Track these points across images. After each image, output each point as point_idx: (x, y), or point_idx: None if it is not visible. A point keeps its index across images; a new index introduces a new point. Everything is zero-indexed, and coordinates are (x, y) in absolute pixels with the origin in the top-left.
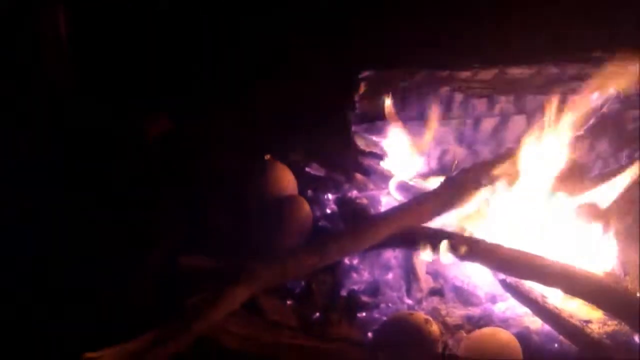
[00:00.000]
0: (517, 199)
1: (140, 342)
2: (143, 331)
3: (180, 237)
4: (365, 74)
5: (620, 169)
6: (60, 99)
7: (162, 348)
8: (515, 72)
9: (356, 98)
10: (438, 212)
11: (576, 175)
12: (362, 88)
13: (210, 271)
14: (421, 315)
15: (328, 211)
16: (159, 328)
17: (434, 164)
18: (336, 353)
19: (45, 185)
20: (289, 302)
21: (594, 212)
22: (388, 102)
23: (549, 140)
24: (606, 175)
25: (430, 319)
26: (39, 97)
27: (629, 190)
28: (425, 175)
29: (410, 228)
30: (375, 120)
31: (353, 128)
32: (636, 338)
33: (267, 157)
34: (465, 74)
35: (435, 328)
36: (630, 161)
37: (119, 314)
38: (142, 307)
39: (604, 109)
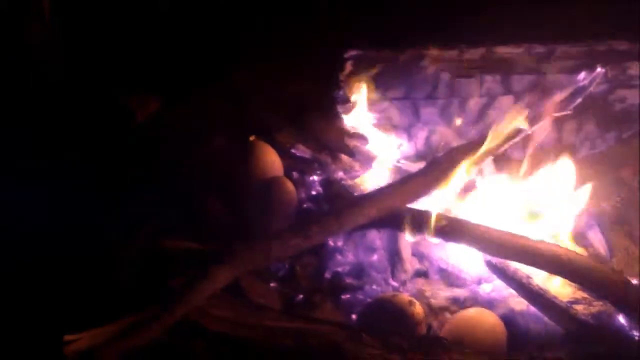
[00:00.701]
0: (501, 179)
1: (121, 324)
2: (125, 314)
3: (166, 219)
4: (351, 53)
5: None
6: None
7: (143, 330)
8: (502, 51)
9: (341, 78)
10: (423, 193)
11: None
12: (348, 68)
13: (194, 253)
14: (405, 296)
15: (313, 193)
16: (141, 310)
17: (420, 145)
18: (320, 334)
19: (30, 169)
20: (272, 285)
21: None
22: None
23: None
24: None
25: (414, 300)
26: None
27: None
28: (411, 157)
29: (395, 209)
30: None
31: (339, 108)
32: (621, 318)
33: (252, 138)
34: (451, 53)
35: (419, 309)
36: None
37: (101, 295)
38: (125, 290)
39: (591, 89)
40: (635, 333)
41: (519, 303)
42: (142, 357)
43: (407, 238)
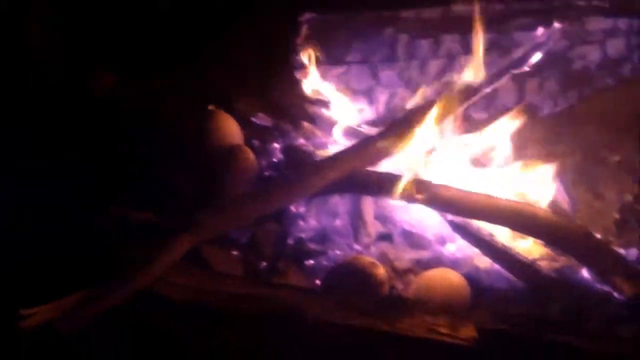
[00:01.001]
0: (461, 138)
1: (78, 296)
2: (85, 286)
3: (129, 192)
4: (306, 16)
5: None
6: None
7: (101, 302)
8: (461, 9)
9: (298, 42)
10: (384, 155)
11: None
12: (304, 32)
13: (155, 223)
14: (367, 258)
15: (275, 160)
16: (100, 282)
17: (381, 109)
18: (283, 300)
19: None
20: (234, 253)
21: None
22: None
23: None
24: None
25: (377, 262)
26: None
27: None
28: (373, 121)
29: (356, 172)
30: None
31: (297, 74)
32: (585, 273)
33: (211, 107)
34: (408, 14)
35: (381, 271)
36: None
37: (62, 270)
38: (87, 262)
39: (549, 45)
40: (599, 286)
41: (483, 261)
42: (103, 328)
43: (371, 202)
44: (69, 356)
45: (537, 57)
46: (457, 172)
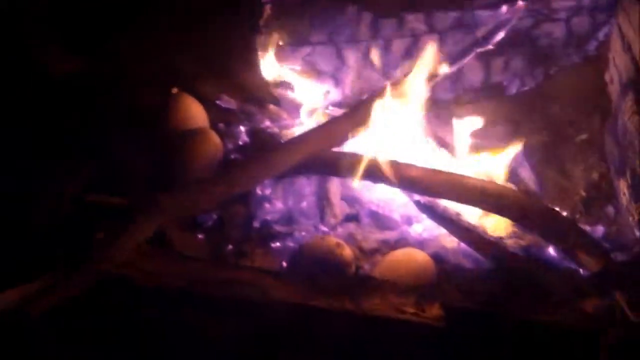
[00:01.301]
0: (425, 117)
1: (44, 280)
2: (48, 270)
3: (89, 175)
4: None
5: None
6: None
7: (64, 287)
8: None
9: (261, 23)
10: (348, 136)
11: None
12: (267, 12)
13: (118, 207)
14: (332, 239)
15: (240, 143)
16: (62, 267)
17: (347, 90)
18: (248, 282)
19: None
20: (200, 236)
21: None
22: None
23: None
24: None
25: (342, 242)
26: None
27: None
28: (339, 103)
29: (322, 153)
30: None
31: (261, 56)
32: (552, 250)
33: (175, 90)
34: None
35: (347, 251)
36: None
37: (22, 254)
38: (47, 247)
39: (513, 23)
40: (565, 263)
41: (450, 241)
42: (67, 313)
43: (337, 182)
44: (33, 341)
45: (501, 35)
46: (422, 152)
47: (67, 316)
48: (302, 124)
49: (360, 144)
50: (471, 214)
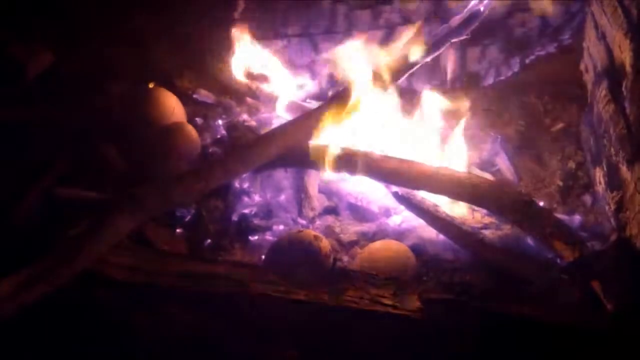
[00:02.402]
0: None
1: (19, 277)
2: (23, 266)
3: (64, 170)
4: None
5: None
6: None
7: (40, 284)
8: None
9: (236, 16)
10: (324, 128)
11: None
12: (241, 5)
13: (93, 202)
14: (310, 232)
15: (218, 137)
16: (37, 263)
17: (324, 83)
18: (226, 275)
19: None
20: (178, 231)
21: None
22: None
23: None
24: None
25: (320, 235)
26: None
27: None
28: (316, 95)
29: (296, 145)
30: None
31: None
32: (529, 240)
33: (151, 85)
34: None
35: (325, 244)
36: None
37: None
38: (21, 243)
39: (486, 13)
40: (543, 254)
41: (428, 232)
42: (43, 309)
43: (315, 175)
44: (8, 341)
45: (475, 25)
46: (398, 143)
47: (43, 314)
48: (279, 117)
49: (337, 135)
50: (451, 206)
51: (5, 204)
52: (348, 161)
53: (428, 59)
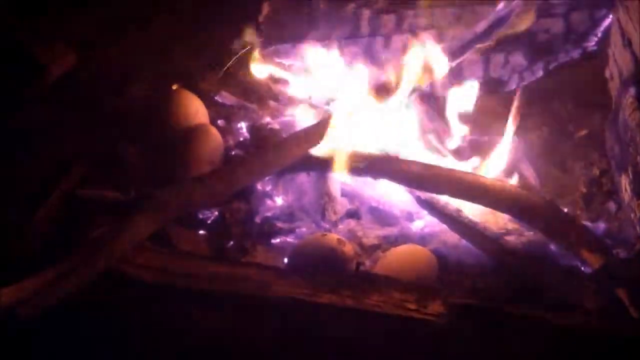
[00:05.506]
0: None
1: (40, 278)
2: (45, 267)
3: (86, 172)
4: None
5: None
6: None
7: (63, 284)
8: None
9: (261, 20)
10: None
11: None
12: (266, 9)
13: (116, 203)
14: (334, 236)
15: (241, 139)
16: (61, 263)
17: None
18: (249, 277)
19: None
20: (201, 232)
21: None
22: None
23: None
24: None
25: (343, 239)
26: None
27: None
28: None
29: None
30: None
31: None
32: (552, 247)
33: (175, 86)
34: None
35: (348, 248)
36: None
37: (20, 250)
38: (44, 243)
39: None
40: (566, 260)
41: (451, 237)
42: (66, 310)
43: (338, 179)
44: (31, 342)
45: (500, 30)
46: (423, 148)
47: (66, 314)
48: (302, 121)
49: (359, 140)
50: (474, 210)
51: (28, 206)
52: (372, 165)
53: (452, 64)
